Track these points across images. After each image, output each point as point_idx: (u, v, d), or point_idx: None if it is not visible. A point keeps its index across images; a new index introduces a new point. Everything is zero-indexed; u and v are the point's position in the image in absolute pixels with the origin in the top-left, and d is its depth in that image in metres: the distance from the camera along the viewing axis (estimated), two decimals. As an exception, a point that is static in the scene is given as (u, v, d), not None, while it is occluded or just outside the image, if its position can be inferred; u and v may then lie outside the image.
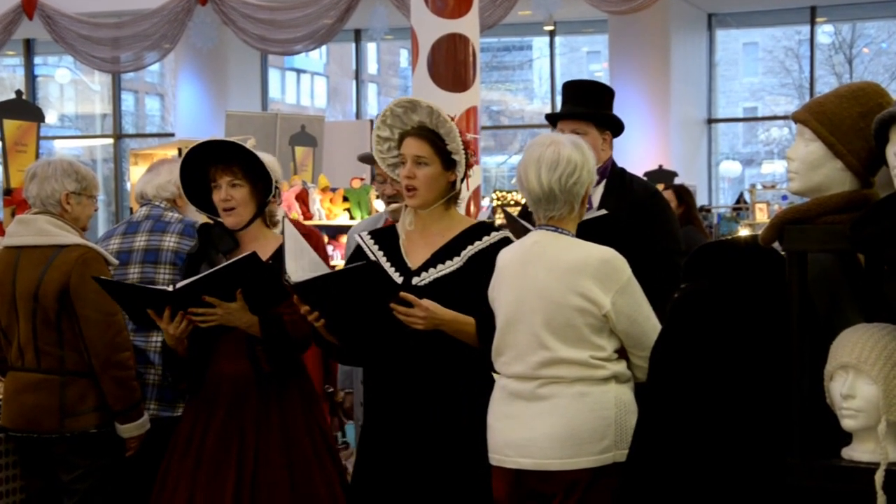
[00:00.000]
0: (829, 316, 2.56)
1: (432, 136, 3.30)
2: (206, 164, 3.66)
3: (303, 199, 8.60)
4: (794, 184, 2.61)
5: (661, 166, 13.50)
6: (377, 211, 7.36)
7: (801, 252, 2.45)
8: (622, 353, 3.19)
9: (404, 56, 21.37)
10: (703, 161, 16.94)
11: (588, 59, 20.74)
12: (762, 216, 12.72)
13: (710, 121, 17.12)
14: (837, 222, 2.43)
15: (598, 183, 4.00)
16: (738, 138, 20.53)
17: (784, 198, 12.85)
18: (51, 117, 18.17)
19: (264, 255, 3.56)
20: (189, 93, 17.26)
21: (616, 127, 4.15)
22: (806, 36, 16.96)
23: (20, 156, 8.33)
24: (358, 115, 18.01)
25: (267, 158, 3.77)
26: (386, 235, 3.46)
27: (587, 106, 4.09)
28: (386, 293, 3.17)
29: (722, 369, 2.56)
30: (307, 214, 8.48)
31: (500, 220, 12.51)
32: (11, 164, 8.19)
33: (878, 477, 2.26)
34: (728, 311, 2.60)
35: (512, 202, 12.49)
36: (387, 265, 3.35)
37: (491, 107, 20.13)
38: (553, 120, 4.18)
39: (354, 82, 18.64)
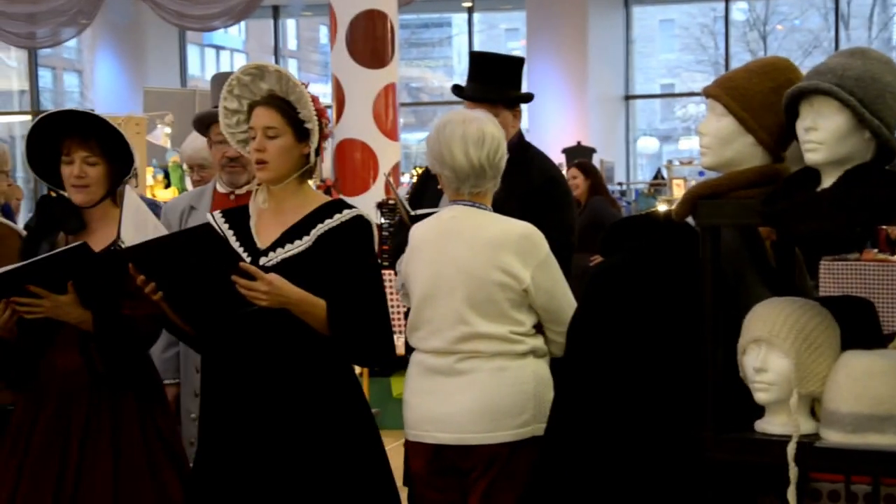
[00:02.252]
0: (735, 290, 2.58)
1: (283, 105, 3.02)
2: (58, 134, 3.33)
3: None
4: (706, 159, 2.61)
5: (579, 142, 13.61)
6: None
7: (714, 227, 2.46)
8: (539, 329, 3.21)
9: (323, 32, 21.23)
10: (620, 137, 17.14)
11: (506, 35, 20.81)
12: (679, 192, 12.88)
13: (628, 97, 17.32)
14: (749, 197, 2.43)
15: None
16: (655, 115, 20.77)
17: (701, 173, 13.01)
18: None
19: (110, 236, 3.28)
20: (107, 69, 17.05)
21: (526, 100, 4.09)
22: (721, 13, 17.22)
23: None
24: (278, 92, 17.88)
25: (198, 144, 3.68)
26: (237, 214, 3.17)
27: (497, 83, 3.96)
28: (226, 264, 2.89)
29: (637, 343, 2.59)
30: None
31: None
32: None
33: (790, 449, 2.29)
34: (643, 285, 2.63)
35: (433, 179, 12.50)
36: (235, 244, 3.07)
37: (410, 83, 20.11)
38: (461, 96, 4.04)
39: (274, 59, 18.52)
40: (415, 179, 12.75)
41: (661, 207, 11.15)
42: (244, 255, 3.04)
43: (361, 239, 3.03)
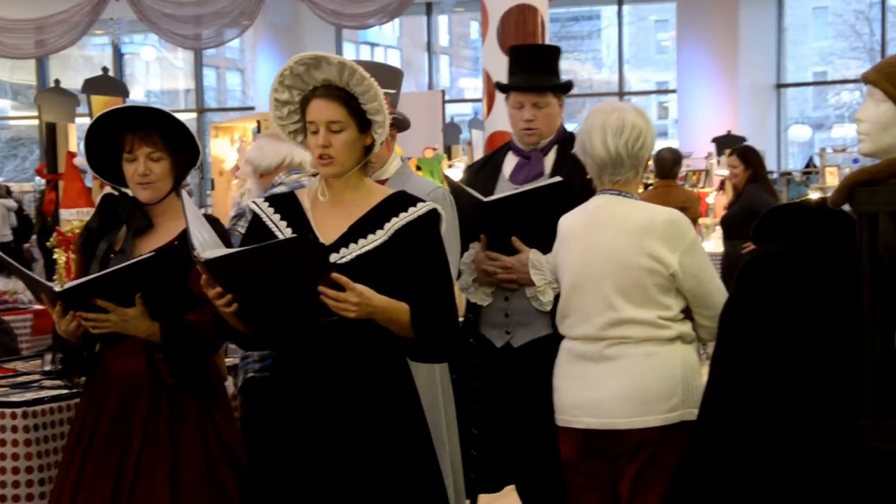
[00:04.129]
0: (892, 278, 2.48)
1: (344, 96, 2.82)
2: (118, 130, 3.17)
3: (377, 167, 8.93)
4: (864, 145, 2.54)
5: (729, 132, 13.57)
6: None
7: (872, 214, 2.39)
8: (687, 315, 3.23)
9: (475, 28, 21.53)
10: (771, 126, 16.91)
11: (656, 27, 20.71)
12: (833, 180, 12.69)
13: (779, 85, 17.07)
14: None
15: (551, 149, 3.80)
16: (807, 103, 20.37)
17: (855, 161, 12.81)
18: (137, 93, 18.63)
19: (174, 232, 3.14)
20: (268, 67, 17.54)
21: (568, 89, 3.93)
22: (877, -1, 16.84)
23: (108, 130, 8.68)
24: (430, 87, 18.27)
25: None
26: (285, 203, 2.94)
27: (543, 73, 3.83)
28: (318, 274, 2.64)
29: (793, 332, 2.55)
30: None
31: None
32: (100, 139, 8.55)
33: None
34: (798, 273, 2.57)
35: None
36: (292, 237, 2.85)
37: (560, 76, 20.17)
38: (506, 90, 3.87)
39: (427, 54, 18.90)
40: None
41: (814, 196, 11.06)
42: None
43: (437, 233, 2.88)
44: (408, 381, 2.89)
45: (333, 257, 2.79)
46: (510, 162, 3.87)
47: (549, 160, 3.79)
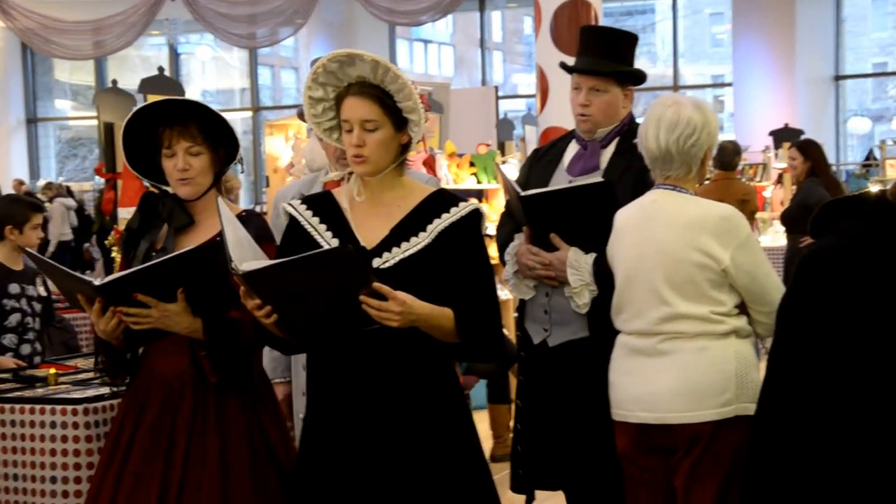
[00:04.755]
0: None
1: (378, 94, 2.76)
2: (155, 125, 3.08)
3: (430, 164, 8.93)
4: None
5: (786, 125, 13.44)
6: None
7: None
8: (743, 310, 3.20)
9: (528, 23, 21.48)
10: (830, 119, 16.71)
11: (711, 20, 20.55)
12: (893, 172, 12.53)
13: (838, 77, 16.86)
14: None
15: (611, 141, 3.65)
16: (866, 94, 20.10)
17: (916, 153, 12.69)
18: (193, 92, 18.79)
19: (216, 228, 3.00)
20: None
21: (638, 79, 3.74)
22: (939, -12, 16.58)
23: (165, 130, 8.77)
24: (483, 83, 18.25)
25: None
26: (323, 204, 2.87)
27: (609, 58, 3.65)
28: (359, 284, 2.58)
29: (850, 327, 2.49)
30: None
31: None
32: (156, 138, 8.64)
33: None
34: (857, 267, 2.52)
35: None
36: (333, 241, 2.78)
37: (615, 71, 20.07)
38: (568, 71, 3.73)
39: (480, 51, 18.89)
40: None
41: (874, 189, 10.89)
42: None
43: (479, 234, 2.83)
44: (452, 384, 2.83)
45: (376, 262, 2.73)
46: (571, 150, 3.73)
47: (608, 153, 3.64)
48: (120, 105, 11.55)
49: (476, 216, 2.81)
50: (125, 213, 9.72)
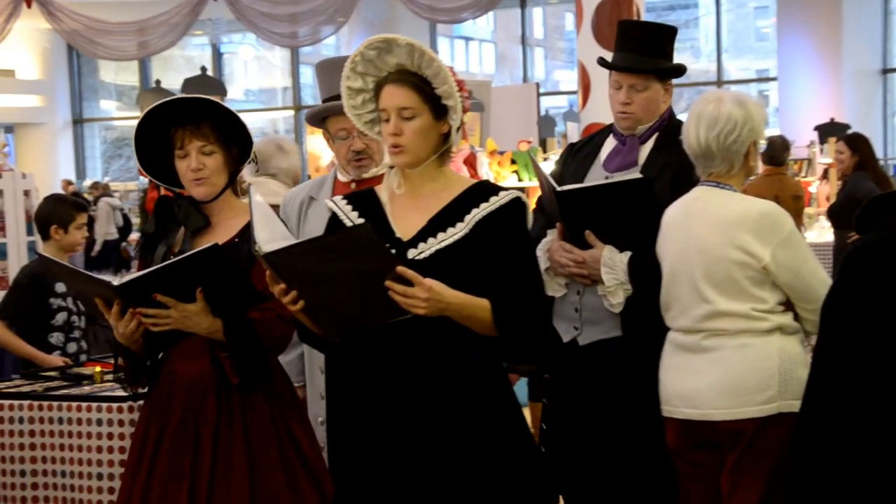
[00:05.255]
0: None
1: (416, 81, 2.65)
2: (167, 126, 3.00)
3: (471, 162, 8.91)
4: None
5: (832, 119, 13.28)
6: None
7: None
8: (790, 306, 3.19)
9: (569, 19, 21.42)
10: (877, 113, 16.50)
11: (756, 14, 20.36)
12: (942, 167, 12.39)
13: (886, 70, 16.65)
14: None
15: (650, 137, 3.57)
16: (915, 88, 19.82)
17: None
18: (236, 92, 18.97)
19: (232, 231, 3.00)
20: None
21: (678, 74, 3.65)
22: None
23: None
24: (525, 79, 18.21)
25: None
26: (364, 200, 2.78)
27: (648, 54, 3.56)
28: (382, 268, 2.48)
29: None
30: (475, 177, 8.79)
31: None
32: (200, 137, 8.67)
33: None
34: None
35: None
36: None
37: (657, 66, 19.97)
38: (607, 68, 3.63)
39: (521, 47, 18.84)
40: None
41: (922, 184, 10.76)
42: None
43: (521, 223, 2.70)
44: (497, 379, 2.69)
45: (411, 253, 2.62)
46: (608, 146, 3.66)
47: (646, 149, 3.57)
48: (164, 105, 11.67)
49: (517, 205, 2.68)
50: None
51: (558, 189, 3.41)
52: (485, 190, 2.72)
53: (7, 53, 17.16)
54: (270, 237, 2.59)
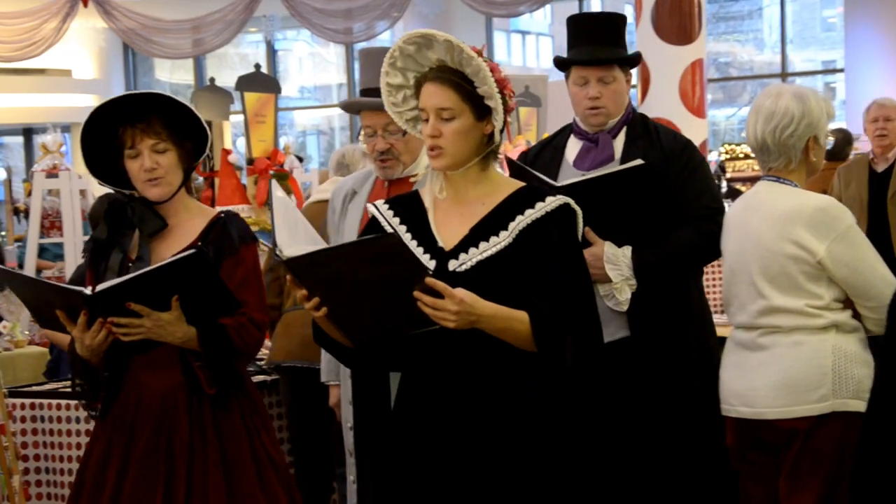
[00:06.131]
0: None
1: (457, 80, 2.53)
2: (114, 125, 2.85)
3: (529, 158, 8.72)
4: None
5: (902, 112, 12.86)
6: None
7: None
8: (848, 303, 3.15)
9: (628, 11, 21.11)
10: (951, 104, 16.03)
11: (822, 3, 19.91)
12: None
13: (959, 61, 16.17)
14: None
15: (619, 131, 3.49)
16: None
17: None
18: (290, 89, 18.94)
19: (193, 233, 2.87)
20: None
21: (636, 63, 3.58)
22: None
23: (260, 126, 8.73)
24: (583, 74, 17.94)
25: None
26: (408, 204, 2.66)
27: (607, 44, 3.47)
28: (411, 278, 2.37)
29: None
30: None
31: (730, 174, 12.29)
32: (252, 135, 8.60)
33: None
34: None
35: (741, 155, 12.23)
36: (412, 244, 2.56)
37: (719, 59, 19.63)
38: (565, 65, 3.52)
39: (579, 41, 18.53)
40: (722, 157, 12.52)
41: None
42: (426, 258, 2.54)
43: (571, 231, 2.56)
44: (538, 397, 2.52)
45: (452, 265, 2.52)
46: (573, 146, 3.52)
47: (619, 142, 3.47)
48: (217, 103, 11.60)
49: (566, 211, 2.55)
50: (223, 211, 9.76)
51: (558, 185, 3.24)
52: (531, 195, 2.58)
53: (63, 53, 17.25)
54: (293, 239, 2.49)
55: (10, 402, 3.85)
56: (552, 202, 2.55)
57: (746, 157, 12.11)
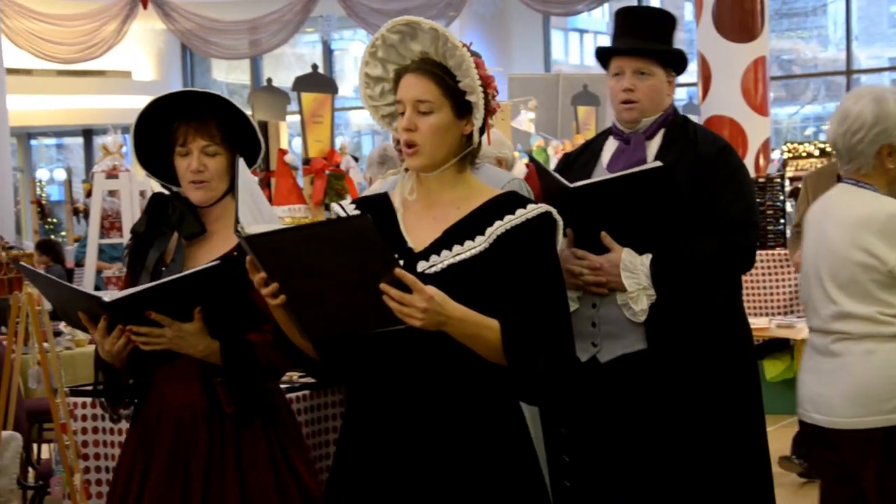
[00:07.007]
0: None
1: (439, 72, 2.37)
2: (170, 120, 2.78)
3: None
4: None
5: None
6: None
7: None
8: None
9: (688, 9, 20.87)
10: None
11: (889, -1, 19.53)
12: None
13: None
14: None
15: (655, 132, 3.31)
16: None
17: None
18: (347, 89, 18.94)
19: (231, 242, 2.72)
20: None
21: (681, 65, 3.41)
22: None
23: (317, 127, 8.71)
24: (642, 72, 17.77)
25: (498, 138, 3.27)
26: (376, 205, 2.48)
27: (651, 39, 3.32)
28: (379, 269, 2.19)
29: None
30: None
31: (790, 172, 12.08)
32: (309, 135, 8.58)
33: None
34: None
35: (804, 154, 12.01)
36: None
37: (782, 56, 19.34)
38: (605, 56, 3.39)
39: (638, 39, 18.36)
40: (786, 156, 12.31)
41: None
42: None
43: (549, 241, 2.40)
44: (510, 416, 2.38)
45: (421, 266, 2.33)
46: (610, 147, 3.37)
47: (654, 145, 3.30)
48: (274, 104, 11.60)
49: (546, 220, 2.39)
50: (279, 211, 9.74)
51: (572, 185, 3.09)
52: (512, 201, 2.42)
53: (123, 55, 17.42)
54: (255, 218, 2.36)
55: (72, 400, 3.80)
56: (533, 209, 2.39)
57: (809, 155, 11.89)
